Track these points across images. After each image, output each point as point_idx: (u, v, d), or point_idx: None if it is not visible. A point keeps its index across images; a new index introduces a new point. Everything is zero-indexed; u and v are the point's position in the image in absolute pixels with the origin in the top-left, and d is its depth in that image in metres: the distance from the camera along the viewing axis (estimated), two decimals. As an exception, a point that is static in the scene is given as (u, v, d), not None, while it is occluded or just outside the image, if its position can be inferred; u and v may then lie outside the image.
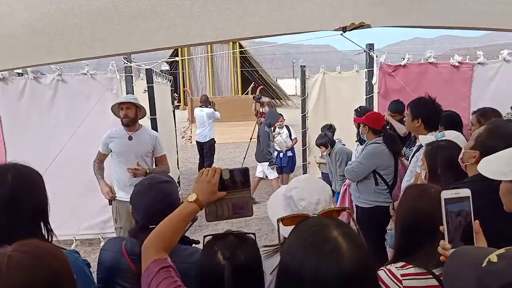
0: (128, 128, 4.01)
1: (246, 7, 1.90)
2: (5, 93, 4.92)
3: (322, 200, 1.49)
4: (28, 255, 1.01)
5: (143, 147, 4.05)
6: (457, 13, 2.44)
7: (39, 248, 1.06)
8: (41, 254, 1.03)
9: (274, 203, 1.62)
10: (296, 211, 1.49)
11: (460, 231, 1.27)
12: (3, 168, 1.53)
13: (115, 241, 1.83)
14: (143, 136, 4.08)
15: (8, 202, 1.45)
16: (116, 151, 4.01)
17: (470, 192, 1.28)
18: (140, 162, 3.94)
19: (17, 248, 1.02)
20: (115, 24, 1.82)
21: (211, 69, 25.31)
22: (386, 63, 5.59)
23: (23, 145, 4.88)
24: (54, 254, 1.06)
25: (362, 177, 3.82)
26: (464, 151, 2.05)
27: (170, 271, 1.25)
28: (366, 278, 0.90)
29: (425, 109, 3.28)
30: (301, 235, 0.97)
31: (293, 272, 0.91)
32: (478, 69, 5.52)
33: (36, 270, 0.99)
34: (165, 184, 1.80)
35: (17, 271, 0.97)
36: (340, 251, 0.89)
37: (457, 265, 1.06)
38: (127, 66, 5.04)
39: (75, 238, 5.15)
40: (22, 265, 0.98)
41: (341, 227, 0.95)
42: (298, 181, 1.61)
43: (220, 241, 1.32)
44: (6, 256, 0.98)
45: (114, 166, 4.07)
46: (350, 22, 2.43)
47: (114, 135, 4.06)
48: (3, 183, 1.46)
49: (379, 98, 5.58)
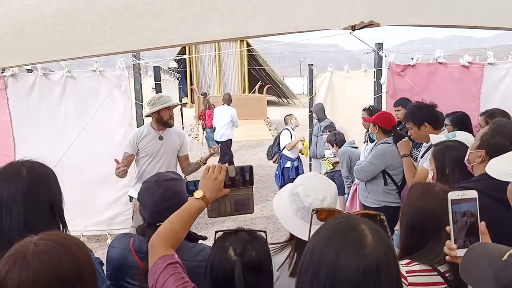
0: (157, 128, 3.99)
1: (255, 6, 1.90)
2: (15, 89, 4.96)
3: (327, 197, 1.51)
4: (54, 244, 1.03)
5: (173, 146, 4.07)
6: (467, 12, 2.42)
7: (64, 238, 1.08)
8: (66, 244, 1.06)
9: (280, 199, 1.64)
10: (302, 207, 1.51)
11: (466, 232, 1.28)
12: (18, 163, 1.55)
13: (123, 238, 1.84)
14: (173, 135, 4.09)
15: (25, 195, 1.46)
16: (147, 151, 3.96)
17: (477, 194, 1.28)
18: (170, 160, 4.01)
19: (43, 237, 1.05)
20: (126, 22, 1.83)
21: (218, 67, 25.33)
22: (395, 63, 5.56)
23: (32, 141, 4.92)
24: (77, 245, 1.09)
25: (371, 177, 3.80)
26: (470, 151, 2.04)
27: (177, 267, 1.25)
28: (385, 273, 0.89)
29: (424, 111, 3.27)
30: (331, 222, 0.98)
31: (316, 255, 0.93)
32: (488, 70, 5.46)
33: (61, 259, 1.01)
34: (173, 181, 1.80)
35: (43, 259, 0.99)
36: (364, 241, 0.90)
37: (477, 257, 1.08)
38: (136, 64, 5.07)
39: (82, 234, 5.18)
40: (48, 253, 1.01)
41: (371, 224, 0.96)
42: (304, 179, 1.63)
43: (232, 237, 1.33)
44: (33, 244, 1.01)
45: (142, 165, 4.01)
46: (360, 21, 2.43)
47: (143, 135, 3.98)
48: (19, 177, 1.48)
49: (388, 98, 5.55)
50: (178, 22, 1.93)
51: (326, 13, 2.27)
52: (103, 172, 4.92)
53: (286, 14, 2.11)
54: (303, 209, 1.51)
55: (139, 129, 4.07)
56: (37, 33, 1.88)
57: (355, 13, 2.32)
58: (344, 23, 2.48)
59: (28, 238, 1.05)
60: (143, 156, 3.97)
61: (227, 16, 1.98)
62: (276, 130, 16.77)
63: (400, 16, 2.59)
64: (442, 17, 2.58)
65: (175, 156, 4.12)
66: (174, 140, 4.08)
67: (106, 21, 1.80)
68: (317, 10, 2.18)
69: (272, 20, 2.26)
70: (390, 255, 0.92)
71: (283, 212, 1.57)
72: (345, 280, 0.87)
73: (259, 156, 10.83)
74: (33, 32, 1.87)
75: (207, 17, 1.94)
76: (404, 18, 2.64)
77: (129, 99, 5.01)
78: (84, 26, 1.81)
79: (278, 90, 30.40)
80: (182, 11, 1.80)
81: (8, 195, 1.46)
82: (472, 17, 2.56)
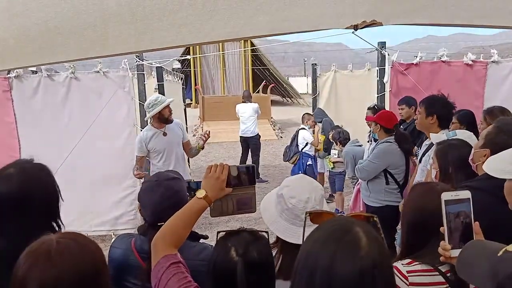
0: (159, 126, 4.31)
1: (257, 6, 1.91)
2: (20, 91, 5.00)
3: (312, 198, 1.50)
4: (74, 242, 1.05)
5: (177, 137, 4.44)
6: (471, 10, 2.41)
7: (82, 238, 1.11)
8: (85, 243, 1.09)
9: (267, 201, 1.64)
10: (286, 209, 1.51)
11: (460, 232, 1.28)
12: (8, 168, 1.54)
13: (124, 239, 1.84)
14: (174, 127, 4.44)
15: (18, 201, 1.47)
16: (156, 149, 4.28)
17: (470, 194, 1.28)
18: (178, 151, 4.39)
19: (63, 235, 1.07)
20: (128, 24, 1.84)
21: (222, 67, 25.33)
22: (398, 62, 5.55)
23: (37, 142, 4.95)
24: (93, 244, 1.12)
25: (373, 176, 3.80)
26: (475, 151, 2.04)
27: (180, 267, 1.26)
28: (381, 275, 0.90)
29: (440, 106, 3.25)
30: (325, 225, 0.98)
31: (311, 259, 0.92)
32: (492, 68, 5.45)
33: (82, 256, 1.03)
34: (173, 181, 1.79)
35: (66, 255, 1.01)
36: (359, 244, 0.90)
37: (473, 254, 1.08)
38: (139, 64, 5.09)
39: (87, 234, 5.19)
40: (70, 250, 1.02)
41: (364, 226, 0.97)
42: (290, 181, 1.63)
43: (234, 238, 1.33)
44: (55, 241, 1.02)
45: (157, 162, 4.33)
46: (362, 20, 2.42)
47: (149, 136, 4.29)
48: (10, 183, 1.48)
49: (391, 96, 5.55)
50: (180, 23, 1.94)
51: (327, 12, 2.27)
52: (107, 172, 4.96)
53: (287, 14, 2.11)
54: (287, 211, 1.50)
55: (143, 133, 4.38)
56: (40, 36, 1.89)
57: (357, 13, 2.31)
58: (346, 23, 2.47)
59: (47, 236, 1.05)
60: (155, 155, 4.32)
61: (229, 17, 1.98)
62: (280, 130, 16.72)
63: (402, 15, 2.58)
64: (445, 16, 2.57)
65: (180, 145, 4.49)
66: (176, 132, 4.46)
67: (109, 24, 1.82)
68: (319, 10, 2.18)
69: (274, 20, 2.26)
70: (384, 255, 0.93)
71: (269, 214, 1.56)
72: (341, 284, 0.87)
73: (263, 156, 10.82)
74: (36, 35, 1.88)
75: (208, 18, 1.95)
76: (407, 17, 2.63)
77: (133, 99, 5.04)
78: (87, 29, 1.82)
79: (282, 90, 30.36)
80: (183, 12, 1.81)
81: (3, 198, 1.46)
82: (475, 16, 2.55)
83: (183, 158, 4.61)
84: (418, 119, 3.37)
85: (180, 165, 4.35)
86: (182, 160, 4.52)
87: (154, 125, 4.33)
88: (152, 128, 4.33)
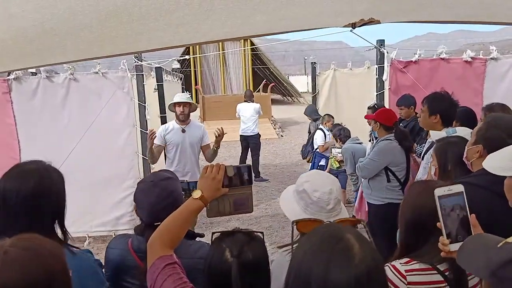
0: (181, 123, 4.69)
1: (254, 5, 1.90)
2: (19, 92, 5.00)
3: (334, 189, 1.56)
4: (24, 252, 1.01)
5: (195, 137, 4.73)
6: (470, 7, 2.41)
7: (36, 244, 1.06)
8: (38, 251, 1.03)
9: (286, 201, 1.66)
10: (310, 203, 1.53)
11: (457, 226, 1.29)
12: (26, 170, 1.55)
13: (121, 239, 1.85)
14: (194, 128, 4.79)
15: (31, 205, 1.47)
16: (172, 142, 4.64)
17: (463, 187, 1.29)
18: (192, 150, 4.68)
19: (15, 243, 1.02)
20: (125, 24, 1.84)
21: (222, 67, 25.29)
22: (397, 59, 5.54)
23: (37, 143, 4.95)
24: (50, 250, 1.07)
25: (374, 174, 3.80)
26: (468, 148, 2.04)
27: (175, 268, 1.26)
28: (376, 280, 0.90)
29: (444, 105, 3.19)
30: (315, 234, 0.98)
31: (304, 269, 0.91)
32: (491, 64, 5.42)
33: (31, 267, 0.99)
34: (168, 181, 1.80)
35: (12, 267, 0.97)
36: (352, 251, 0.89)
37: (475, 245, 1.10)
38: (138, 65, 5.08)
39: (88, 235, 5.21)
40: (18, 262, 0.98)
41: (355, 232, 0.97)
42: (308, 176, 1.66)
43: (229, 238, 1.33)
44: (2, 251, 0.99)
45: (172, 154, 4.67)
46: (360, 18, 2.42)
47: (169, 129, 4.70)
48: (27, 186, 1.49)
49: (390, 94, 5.54)
50: (177, 23, 1.94)
51: (325, 11, 2.27)
52: (107, 173, 4.95)
53: (285, 13, 2.11)
54: (312, 205, 1.55)
55: (166, 124, 4.85)
56: (37, 37, 1.89)
57: (354, 11, 2.31)
58: (344, 21, 2.47)
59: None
60: (170, 147, 4.68)
61: (226, 17, 1.98)
62: (281, 129, 16.72)
63: (400, 12, 2.57)
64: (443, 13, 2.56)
65: (198, 146, 4.77)
66: (196, 132, 4.77)
67: (105, 24, 1.81)
68: (316, 8, 2.18)
69: (271, 19, 2.26)
70: (377, 260, 0.93)
71: (292, 212, 1.58)
72: None
73: (264, 155, 10.82)
74: (33, 36, 1.88)
75: (205, 18, 1.95)
76: (405, 15, 2.62)
77: (132, 100, 5.04)
78: (84, 30, 1.82)
79: (283, 89, 30.34)
80: (180, 12, 1.81)
81: (17, 196, 1.47)
82: (473, 12, 2.55)
83: (197, 162, 4.81)
84: (421, 117, 3.33)
85: (192, 168, 4.67)
86: (196, 164, 4.75)
87: (176, 120, 4.71)
88: (175, 123, 4.72)
